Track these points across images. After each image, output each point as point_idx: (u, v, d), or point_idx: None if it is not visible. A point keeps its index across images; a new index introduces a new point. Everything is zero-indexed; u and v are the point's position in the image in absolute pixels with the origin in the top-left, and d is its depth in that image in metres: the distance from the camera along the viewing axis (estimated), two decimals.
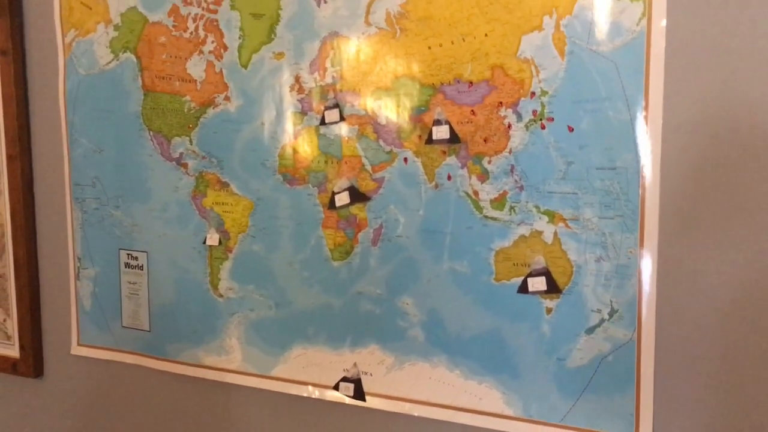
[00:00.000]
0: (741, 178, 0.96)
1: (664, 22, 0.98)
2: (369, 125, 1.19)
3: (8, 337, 1.65)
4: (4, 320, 1.65)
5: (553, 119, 1.06)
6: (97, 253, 1.51)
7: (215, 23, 1.30)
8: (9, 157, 1.56)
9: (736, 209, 0.97)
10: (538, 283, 1.09)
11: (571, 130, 1.05)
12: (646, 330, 1.03)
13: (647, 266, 1.02)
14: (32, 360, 1.62)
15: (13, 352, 1.64)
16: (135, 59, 1.40)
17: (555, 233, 1.08)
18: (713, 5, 0.96)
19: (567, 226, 1.07)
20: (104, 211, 1.48)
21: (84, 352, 1.56)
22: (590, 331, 1.07)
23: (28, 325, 1.60)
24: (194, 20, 1.33)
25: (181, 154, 1.37)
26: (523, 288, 1.10)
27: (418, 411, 1.21)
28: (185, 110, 1.35)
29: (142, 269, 1.46)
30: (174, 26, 1.35)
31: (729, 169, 0.97)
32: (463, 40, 1.10)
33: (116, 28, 1.41)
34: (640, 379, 1.04)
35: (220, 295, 1.37)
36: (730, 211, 0.97)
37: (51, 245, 1.58)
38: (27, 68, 1.55)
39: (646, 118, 1.00)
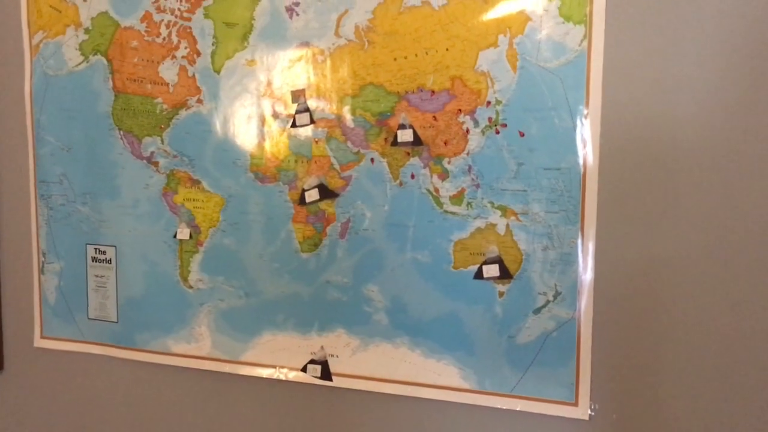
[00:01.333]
0: (666, 178, 1.13)
1: (602, 44, 1.14)
2: (338, 128, 1.30)
3: None
4: None
5: (506, 125, 1.20)
6: (63, 247, 1.56)
7: (189, 30, 1.39)
8: None
9: (663, 204, 1.14)
10: (491, 270, 1.23)
11: (522, 135, 1.19)
12: (585, 309, 1.19)
13: (587, 254, 1.18)
14: None
15: None
16: (106, 62, 1.46)
17: (507, 226, 1.22)
18: (645, 30, 1.12)
19: (518, 219, 1.21)
20: (71, 207, 1.53)
21: (48, 344, 1.60)
22: (537, 311, 1.22)
23: None
24: (167, 26, 1.40)
25: (152, 153, 1.44)
26: (479, 274, 1.24)
27: (381, 388, 1.33)
28: (157, 111, 1.43)
29: (110, 263, 1.51)
30: (146, 31, 1.42)
31: (657, 170, 1.14)
32: (426, 54, 1.23)
33: (87, 31, 1.47)
34: (580, 352, 1.20)
35: (190, 287, 1.45)
36: (658, 205, 1.14)
37: (13, 240, 1.61)
38: None
39: (586, 125, 1.15)
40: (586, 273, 1.18)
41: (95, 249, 1.53)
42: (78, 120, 1.50)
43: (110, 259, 1.51)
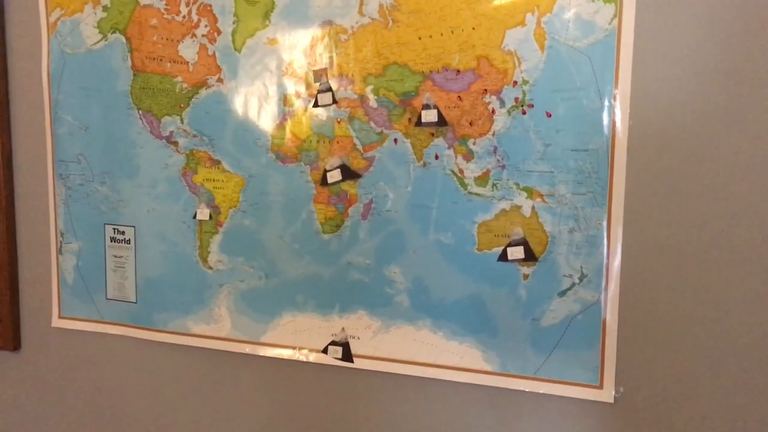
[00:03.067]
0: (696, 160, 1.12)
1: (632, 22, 1.12)
2: (360, 108, 1.29)
3: None
4: None
5: (533, 106, 1.18)
6: (81, 227, 1.55)
7: (209, 8, 1.37)
8: None
9: (692, 186, 1.13)
10: (516, 252, 1.22)
11: (549, 115, 1.17)
12: (611, 292, 1.18)
13: (613, 236, 1.16)
14: (10, 333, 1.65)
15: None
16: (124, 40, 1.44)
17: (533, 207, 1.21)
18: (676, 9, 1.10)
19: (543, 201, 1.20)
20: (89, 187, 1.53)
21: (65, 324, 1.60)
22: (562, 294, 1.21)
23: (6, 299, 1.63)
24: (187, 4, 1.39)
25: (172, 132, 1.43)
26: (503, 256, 1.23)
27: (403, 370, 1.32)
28: (177, 90, 1.41)
29: (129, 243, 1.51)
30: (166, 9, 1.40)
31: (687, 152, 1.12)
32: (452, 33, 1.22)
33: (105, 9, 1.45)
34: (605, 335, 1.19)
35: (210, 267, 1.44)
36: (687, 187, 1.13)
37: (31, 220, 1.61)
38: (8, 46, 1.56)
39: (615, 105, 1.14)
40: (613, 256, 1.17)
41: (114, 229, 1.52)
42: (96, 99, 1.49)
43: (129, 240, 1.51)
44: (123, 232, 1.51)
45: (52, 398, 1.66)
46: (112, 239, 1.52)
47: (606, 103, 1.14)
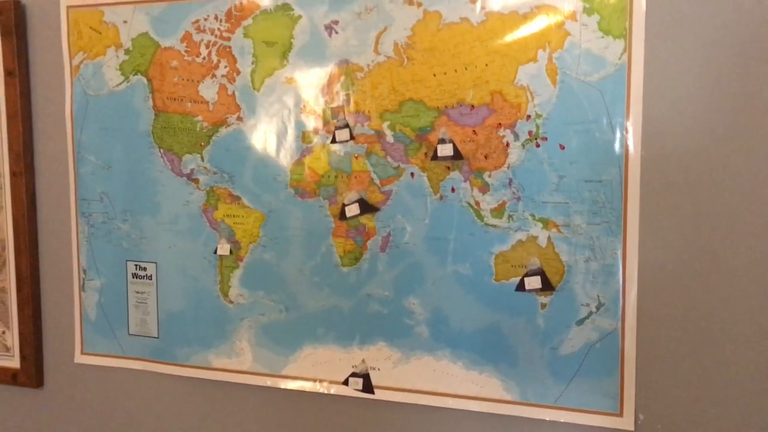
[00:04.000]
0: (709, 188, 1.14)
1: (642, 57, 1.15)
2: (377, 143, 1.32)
3: (7, 349, 1.69)
4: (3, 332, 1.69)
5: (546, 138, 1.21)
6: (104, 264, 1.58)
7: (228, 49, 1.41)
8: (13, 174, 1.62)
9: (706, 214, 1.15)
10: (533, 282, 1.24)
11: (562, 148, 1.20)
12: (628, 320, 1.19)
13: (629, 264, 1.19)
14: (33, 370, 1.67)
15: (14, 362, 1.69)
16: (146, 81, 1.49)
17: (549, 238, 1.23)
18: (685, 42, 1.14)
19: (559, 231, 1.22)
20: (111, 225, 1.56)
21: (88, 360, 1.62)
22: (580, 322, 1.22)
23: (29, 336, 1.65)
24: (207, 46, 1.43)
25: (192, 170, 1.47)
26: (521, 286, 1.25)
27: (423, 400, 1.34)
28: (197, 129, 1.45)
29: (151, 279, 1.54)
30: (186, 51, 1.45)
31: (699, 181, 1.15)
32: (466, 69, 1.25)
33: (127, 52, 1.50)
34: (624, 363, 1.20)
35: (231, 302, 1.47)
36: (701, 215, 1.15)
37: (54, 258, 1.64)
38: (32, 88, 1.61)
39: (627, 137, 1.17)
40: (629, 284, 1.19)
41: (135, 265, 1.55)
42: (118, 139, 1.52)
43: (151, 275, 1.54)
44: (144, 269, 1.54)
45: None
46: (134, 275, 1.55)
47: (618, 134, 1.17)
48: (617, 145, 1.17)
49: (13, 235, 1.64)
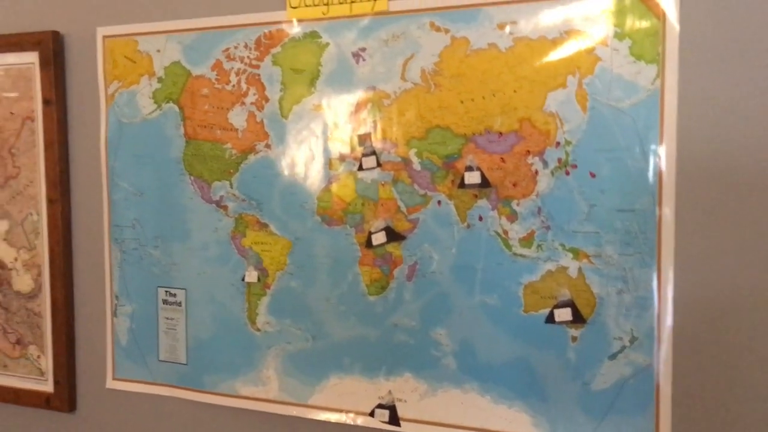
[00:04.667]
0: (748, 217, 1.09)
1: (676, 81, 1.11)
2: (404, 171, 1.30)
3: (42, 374, 1.71)
4: (38, 357, 1.71)
5: (576, 166, 1.18)
6: (135, 290, 1.59)
7: (257, 77, 1.42)
8: (49, 201, 1.64)
9: (745, 244, 1.10)
10: (564, 314, 1.20)
11: (593, 176, 1.17)
12: (664, 355, 1.14)
13: (664, 297, 1.14)
14: (66, 395, 1.68)
15: (47, 387, 1.70)
16: (177, 109, 1.50)
17: (579, 269, 1.19)
18: (720, 66, 1.09)
19: (590, 262, 1.18)
20: (143, 251, 1.57)
21: (119, 386, 1.63)
22: (613, 357, 1.18)
23: (63, 361, 1.67)
24: (237, 74, 1.44)
25: (222, 197, 1.47)
26: (550, 318, 1.21)
27: None
28: (226, 157, 1.45)
29: (181, 305, 1.54)
30: (217, 79, 1.46)
31: (737, 209, 1.10)
32: (494, 96, 1.23)
33: (160, 80, 1.51)
34: (659, 400, 1.15)
35: (258, 329, 1.46)
36: (739, 245, 1.10)
37: (88, 284, 1.66)
38: (68, 117, 1.64)
39: (660, 164, 1.13)
40: (665, 317, 1.14)
41: (166, 292, 1.55)
42: (150, 166, 1.54)
43: (180, 302, 1.54)
44: (174, 295, 1.54)
45: None
46: (164, 301, 1.56)
47: (651, 161, 1.13)
48: (650, 173, 1.13)
49: (48, 260, 1.66)
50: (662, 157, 1.13)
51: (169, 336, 1.56)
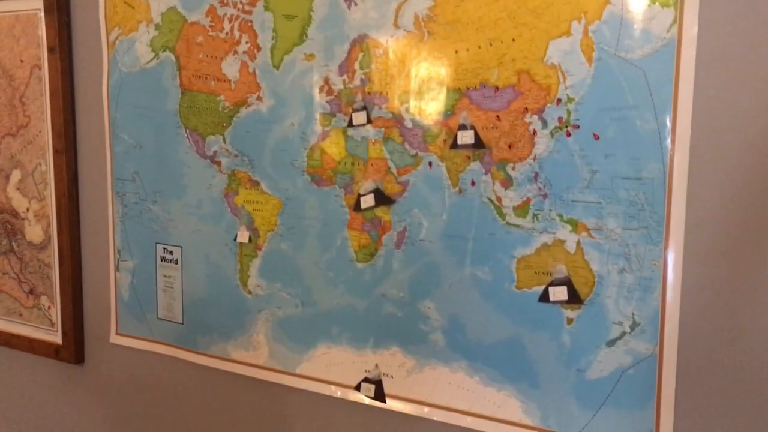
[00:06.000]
0: None
1: (695, 30, 0.95)
2: (395, 128, 1.19)
3: (52, 324, 1.71)
4: (49, 307, 1.71)
5: (578, 126, 1.04)
6: (136, 245, 1.55)
7: (250, 24, 1.32)
8: (56, 151, 1.61)
9: (764, 225, 0.93)
10: (559, 293, 1.08)
11: (596, 138, 1.02)
12: (668, 345, 1.01)
13: (671, 280, 0.99)
14: (74, 347, 1.67)
15: (56, 338, 1.70)
16: (174, 58, 1.43)
17: (578, 243, 1.06)
18: (746, 14, 0.92)
19: (590, 235, 1.05)
20: (143, 206, 1.52)
21: (122, 341, 1.61)
22: (611, 343, 1.05)
23: (70, 314, 1.66)
24: (230, 21, 1.34)
25: (215, 152, 1.40)
26: (545, 297, 1.09)
27: (436, 415, 1.21)
28: (219, 109, 1.38)
29: (177, 263, 1.49)
30: (210, 26, 1.37)
31: (761, 182, 0.94)
32: (490, 45, 1.09)
33: (157, 27, 1.44)
34: (661, 395, 1.02)
35: (249, 292, 1.39)
36: (759, 225, 0.94)
37: (93, 237, 1.63)
38: (74, 65, 1.60)
39: (674, 128, 0.97)
40: (671, 303, 1.00)
41: (164, 248, 1.51)
42: (148, 118, 1.48)
43: (177, 260, 1.49)
44: (171, 252, 1.50)
45: (111, 410, 1.67)
46: (162, 258, 1.51)
47: (663, 124, 0.98)
48: (662, 137, 0.98)
49: (56, 212, 1.64)
50: (676, 118, 0.97)
51: (167, 294, 1.52)
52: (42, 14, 1.58)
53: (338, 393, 1.30)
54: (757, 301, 0.95)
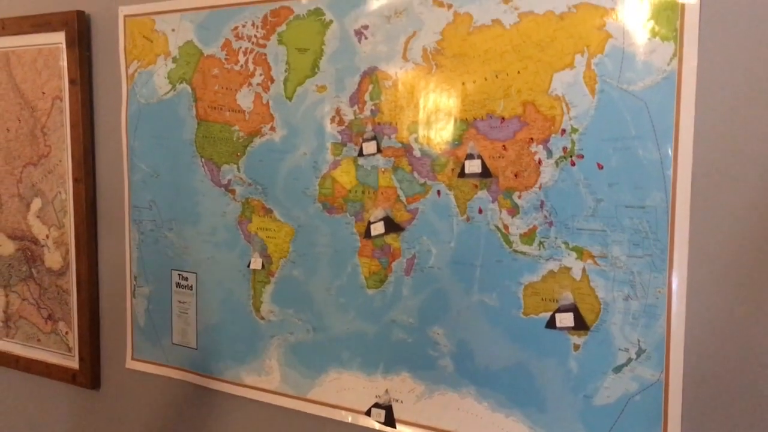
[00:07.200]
0: None
1: (695, 62, 0.97)
2: (404, 158, 1.22)
3: (69, 349, 1.74)
4: (66, 333, 1.74)
5: (582, 156, 1.06)
6: (152, 272, 1.58)
7: (264, 57, 1.36)
8: (75, 180, 1.66)
9: (766, 252, 0.95)
10: (565, 319, 1.09)
11: (600, 167, 1.05)
12: (674, 371, 1.02)
13: (676, 307, 1.01)
14: (90, 372, 1.70)
15: (73, 363, 1.73)
16: (190, 90, 1.47)
17: (583, 270, 1.07)
18: (745, 46, 0.95)
19: (595, 263, 1.06)
20: (159, 233, 1.56)
21: (137, 366, 1.63)
22: (617, 369, 1.06)
23: (87, 339, 1.69)
24: (245, 54, 1.39)
25: (230, 180, 1.43)
26: (551, 323, 1.11)
27: None
28: (234, 139, 1.41)
29: (192, 289, 1.52)
30: (226, 59, 1.41)
31: (760, 212, 0.95)
32: (496, 77, 1.12)
33: (174, 60, 1.49)
34: (668, 421, 1.02)
35: (262, 318, 1.41)
36: (760, 254, 0.95)
37: (110, 263, 1.66)
38: (93, 96, 1.64)
39: (675, 157, 0.99)
40: (676, 329, 1.01)
41: (179, 275, 1.54)
42: (165, 147, 1.52)
43: (191, 286, 1.52)
44: (186, 278, 1.53)
45: None
46: (177, 284, 1.54)
47: (665, 153, 1.00)
48: (664, 166, 1.00)
49: (74, 239, 1.68)
50: (678, 148, 0.99)
51: (181, 319, 1.55)
52: (64, 47, 1.64)
53: (349, 418, 1.32)
54: (762, 327, 0.96)
